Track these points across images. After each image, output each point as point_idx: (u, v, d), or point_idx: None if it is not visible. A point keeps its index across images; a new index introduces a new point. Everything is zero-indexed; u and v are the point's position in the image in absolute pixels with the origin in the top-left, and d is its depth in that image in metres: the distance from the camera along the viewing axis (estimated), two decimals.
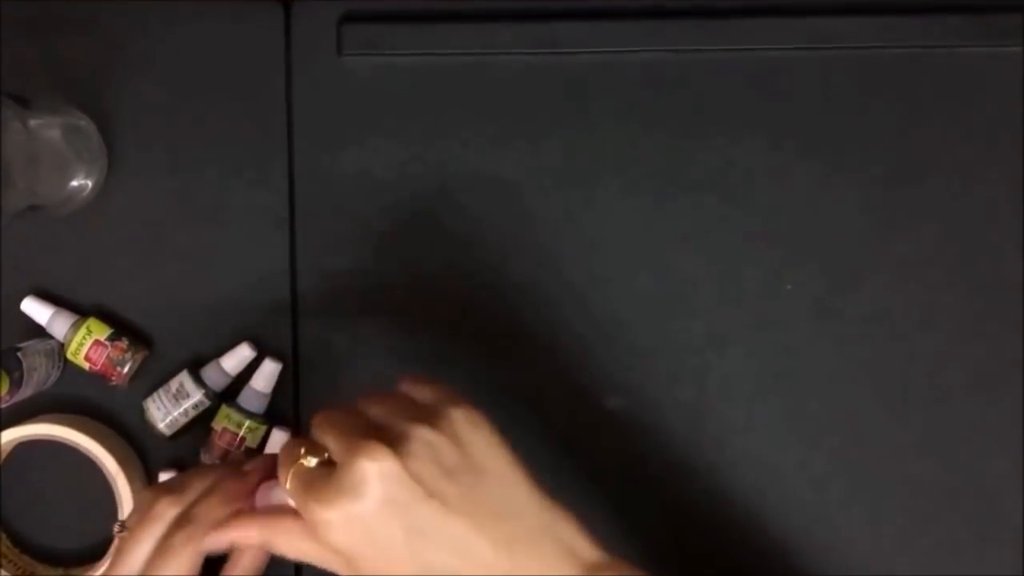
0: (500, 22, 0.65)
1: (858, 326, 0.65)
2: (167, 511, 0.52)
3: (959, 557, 0.65)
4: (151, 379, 0.66)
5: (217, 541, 0.51)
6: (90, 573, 0.64)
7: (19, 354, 0.62)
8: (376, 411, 0.50)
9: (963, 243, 0.65)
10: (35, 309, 0.65)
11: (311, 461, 0.49)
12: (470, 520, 0.47)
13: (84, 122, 0.64)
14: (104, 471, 0.63)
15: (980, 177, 0.65)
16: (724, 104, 0.66)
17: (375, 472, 0.46)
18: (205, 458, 0.65)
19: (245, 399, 0.65)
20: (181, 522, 0.51)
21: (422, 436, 0.48)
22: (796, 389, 0.65)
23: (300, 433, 0.66)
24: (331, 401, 0.65)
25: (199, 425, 0.65)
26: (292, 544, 0.50)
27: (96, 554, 0.65)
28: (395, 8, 0.66)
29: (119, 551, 0.52)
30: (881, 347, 0.65)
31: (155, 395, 0.65)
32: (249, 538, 0.51)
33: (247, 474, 0.53)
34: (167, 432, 0.65)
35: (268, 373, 0.65)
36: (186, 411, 0.64)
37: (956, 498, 0.65)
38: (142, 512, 0.53)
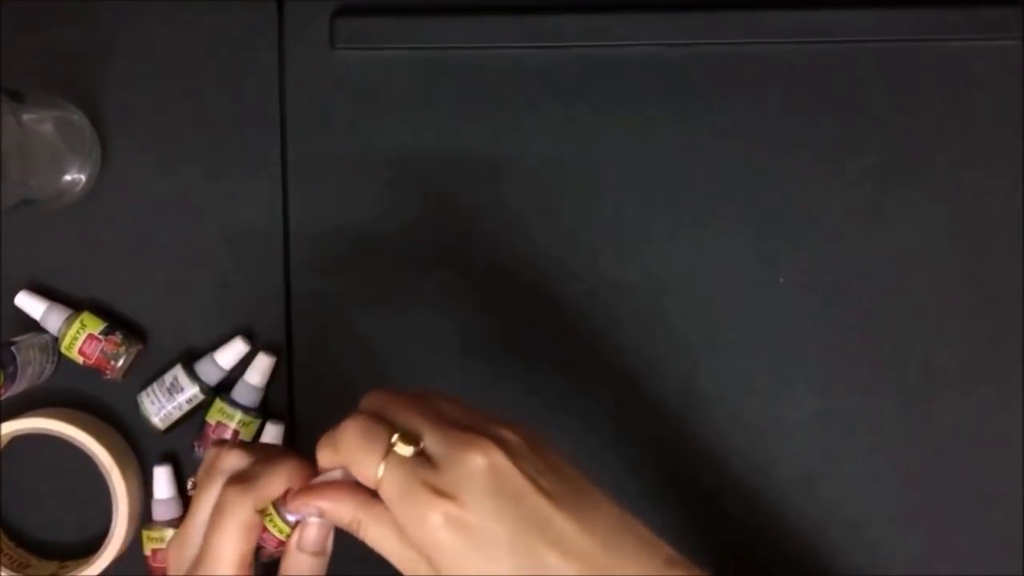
0: (493, 16, 0.65)
1: (851, 319, 0.65)
2: (234, 463, 0.50)
3: (955, 552, 0.65)
4: (145, 373, 0.66)
5: (304, 506, 0.48)
6: (84, 572, 0.64)
7: (13, 348, 0.62)
8: (446, 408, 0.48)
9: (958, 236, 0.65)
10: (29, 303, 0.65)
11: (407, 450, 0.46)
12: (575, 516, 0.46)
13: (77, 116, 0.64)
14: (98, 465, 0.63)
15: (975, 171, 0.65)
16: (718, 97, 0.66)
17: (486, 467, 0.45)
18: (199, 452, 0.65)
19: (239, 393, 0.65)
20: (238, 478, 0.49)
21: (510, 436, 0.46)
22: (788, 383, 0.65)
23: (294, 428, 0.66)
24: (324, 395, 0.66)
25: (193, 419, 0.65)
26: (382, 533, 0.47)
27: (91, 547, 0.65)
28: (388, 2, 0.66)
29: (189, 508, 0.50)
30: (874, 341, 0.65)
31: (149, 389, 0.65)
32: (339, 512, 0.48)
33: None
34: (161, 426, 0.65)
35: (262, 367, 0.65)
36: (180, 405, 0.64)
37: (953, 492, 0.65)
38: (208, 465, 0.51)
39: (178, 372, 0.65)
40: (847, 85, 0.65)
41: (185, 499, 0.65)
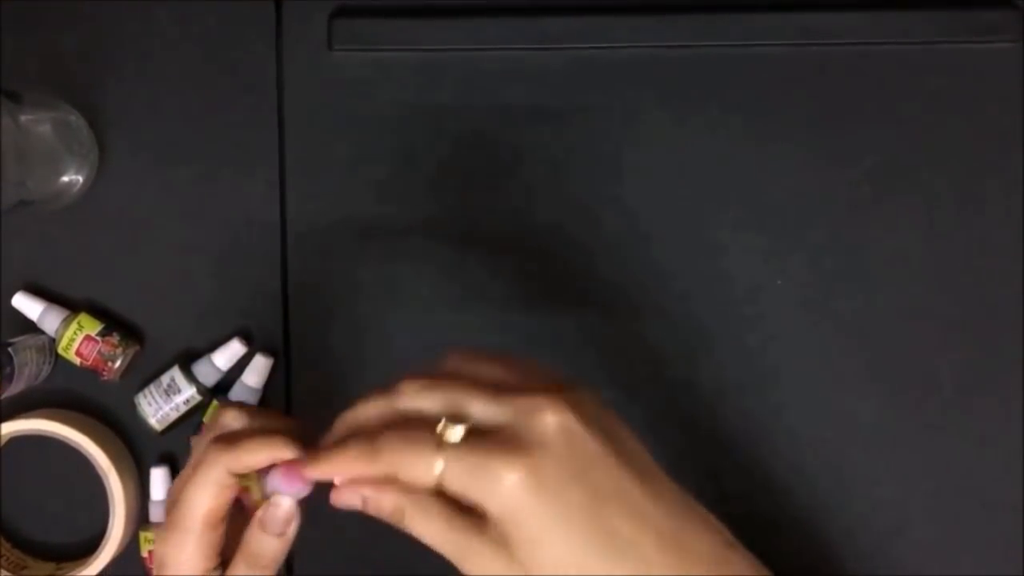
0: (490, 18, 0.65)
1: (848, 321, 0.65)
2: (229, 423, 0.50)
3: (951, 552, 0.65)
4: (142, 374, 0.66)
5: (351, 495, 0.45)
6: (81, 573, 0.64)
7: (10, 349, 0.62)
8: (484, 371, 0.45)
9: (955, 238, 0.65)
10: (26, 304, 0.65)
11: (458, 432, 0.43)
12: (646, 486, 0.44)
13: (75, 117, 0.64)
14: (95, 466, 0.63)
15: (973, 173, 0.65)
16: (714, 99, 0.66)
17: (558, 426, 0.42)
18: None
19: (236, 394, 0.65)
20: (224, 438, 0.48)
21: (577, 396, 0.44)
22: (784, 384, 0.65)
23: None
24: (321, 397, 0.66)
25: (190, 420, 0.65)
26: (429, 522, 0.44)
27: (88, 549, 0.65)
28: (386, 4, 0.66)
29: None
30: (871, 342, 0.65)
31: (146, 390, 0.65)
32: (381, 503, 0.45)
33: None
34: (158, 427, 0.65)
35: (259, 368, 0.65)
36: (177, 406, 0.64)
37: (953, 492, 0.65)
38: (210, 422, 0.51)
39: (175, 373, 0.65)
40: (845, 88, 0.65)
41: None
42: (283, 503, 0.50)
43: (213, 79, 0.66)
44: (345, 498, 0.46)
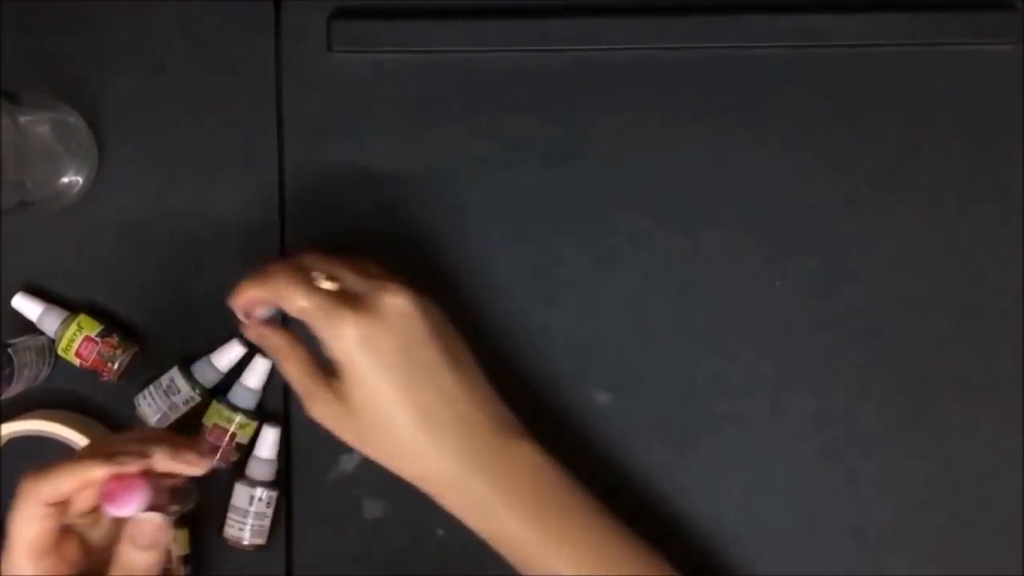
0: (490, 19, 0.65)
1: (847, 322, 0.65)
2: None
3: (951, 554, 0.65)
4: (142, 375, 0.66)
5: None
6: None
7: (10, 350, 0.62)
8: (368, 264, 0.58)
9: (954, 239, 0.65)
10: (25, 305, 0.65)
11: (330, 284, 0.55)
12: (461, 377, 0.56)
13: (74, 118, 0.64)
14: None
15: (973, 174, 0.65)
16: (712, 101, 0.66)
17: (401, 307, 0.55)
18: None
19: (236, 395, 0.65)
20: (38, 468, 0.52)
21: (423, 297, 0.56)
22: (784, 385, 0.66)
23: (290, 430, 0.66)
24: None
25: (190, 421, 0.65)
26: (292, 364, 0.57)
27: None
28: (385, 5, 0.66)
29: None
30: (870, 343, 0.65)
31: (146, 391, 0.65)
32: (269, 341, 0.58)
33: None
34: (158, 428, 0.65)
35: (259, 370, 0.65)
36: (177, 407, 0.64)
37: (952, 493, 0.65)
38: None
39: (175, 374, 0.65)
40: (844, 89, 0.66)
41: None
42: (147, 517, 0.52)
43: (212, 80, 0.66)
44: (249, 332, 0.59)
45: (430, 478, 0.57)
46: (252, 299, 0.58)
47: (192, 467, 0.53)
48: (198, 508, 0.66)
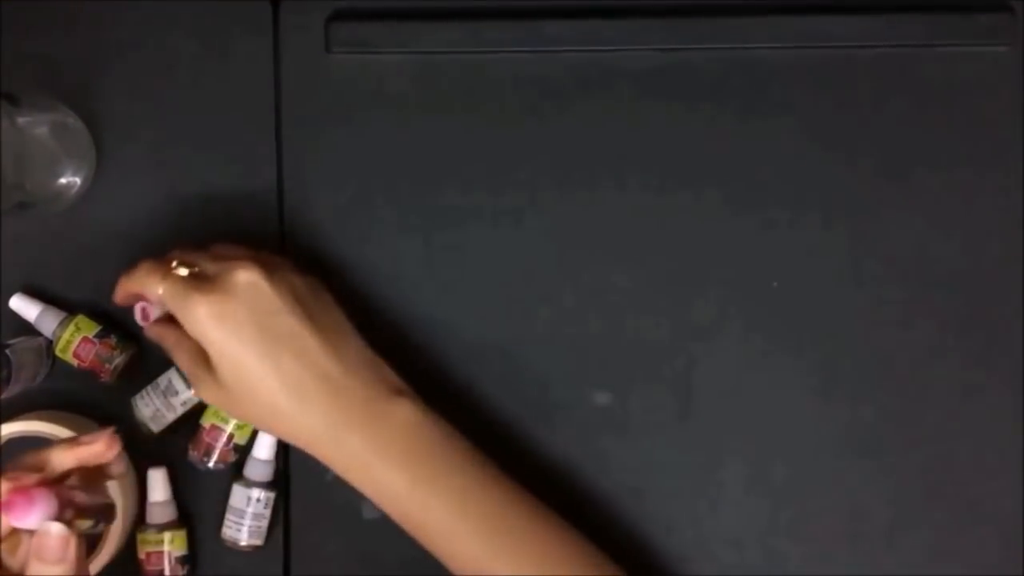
0: (488, 20, 0.66)
1: (844, 324, 0.66)
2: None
3: (946, 552, 0.65)
4: (140, 376, 0.66)
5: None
6: None
7: (7, 351, 0.62)
8: (227, 248, 0.61)
9: (952, 240, 0.65)
10: (23, 306, 0.65)
11: (183, 270, 0.58)
12: (326, 339, 0.58)
13: (72, 119, 0.64)
14: None
15: (968, 175, 0.65)
16: (711, 102, 0.66)
17: (247, 280, 0.57)
18: (193, 454, 0.65)
19: None
20: None
21: (278, 263, 0.60)
22: (782, 385, 0.66)
23: None
24: None
25: (187, 422, 0.65)
26: (181, 355, 0.59)
27: (85, 550, 0.65)
28: (383, 6, 0.66)
29: None
30: (868, 343, 0.65)
31: (144, 392, 0.65)
32: (160, 336, 0.61)
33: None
34: (155, 429, 0.65)
35: None
36: (174, 408, 0.64)
37: (944, 493, 0.65)
38: None
39: (173, 375, 0.65)
40: (842, 91, 0.66)
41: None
42: (51, 529, 0.51)
43: (210, 81, 0.66)
44: (148, 333, 0.62)
45: (301, 437, 0.59)
46: (125, 293, 0.61)
47: (99, 453, 0.54)
48: (196, 509, 0.66)
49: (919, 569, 0.65)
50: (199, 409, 0.65)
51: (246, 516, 0.64)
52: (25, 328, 0.65)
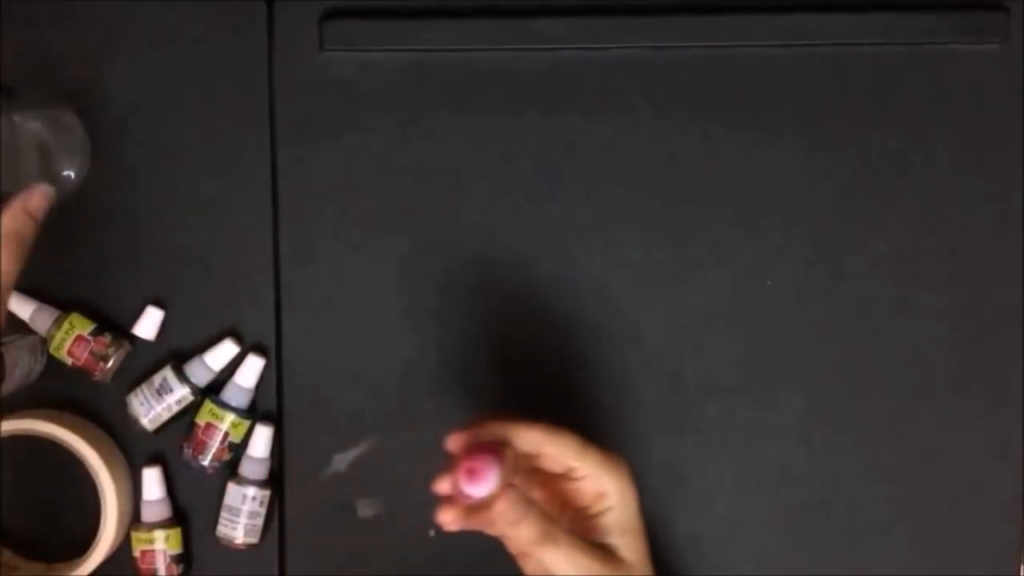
0: (481, 18, 0.66)
1: (837, 322, 0.66)
2: None
3: (939, 551, 0.66)
4: (134, 374, 0.66)
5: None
6: (73, 573, 0.64)
7: (1, 349, 0.62)
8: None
9: (940, 238, 0.66)
10: (17, 304, 0.65)
11: None
12: None
13: (67, 116, 0.64)
14: (87, 466, 0.63)
15: (959, 173, 0.66)
16: (702, 100, 0.66)
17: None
18: (188, 453, 0.65)
19: (229, 394, 0.65)
20: None
21: None
22: (775, 384, 0.66)
23: (283, 429, 0.66)
24: (313, 397, 0.66)
25: (182, 420, 0.65)
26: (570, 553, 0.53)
27: (80, 549, 0.65)
28: (377, 5, 0.66)
29: None
30: (860, 343, 0.66)
31: (138, 390, 0.65)
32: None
33: None
34: (150, 427, 0.65)
35: (252, 368, 0.65)
36: (169, 406, 0.64)
37: (937, 492, 0.66)
38: None
39: (167, 373, 0.65)
40: (832, 89, 0.66)
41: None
42: (42, 191, 0.58)
43: (205, 79, 0.66)
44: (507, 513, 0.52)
45: None
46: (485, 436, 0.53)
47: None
48: (191, 508, 0.66)
49: (916, 568, 0.66)
50: (194, 407, 0.65)
51: (241, 514, 0.64)
52: (19, 326, 0.65)
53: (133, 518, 0.66)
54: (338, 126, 0.66)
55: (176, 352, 0.66)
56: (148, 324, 0.65)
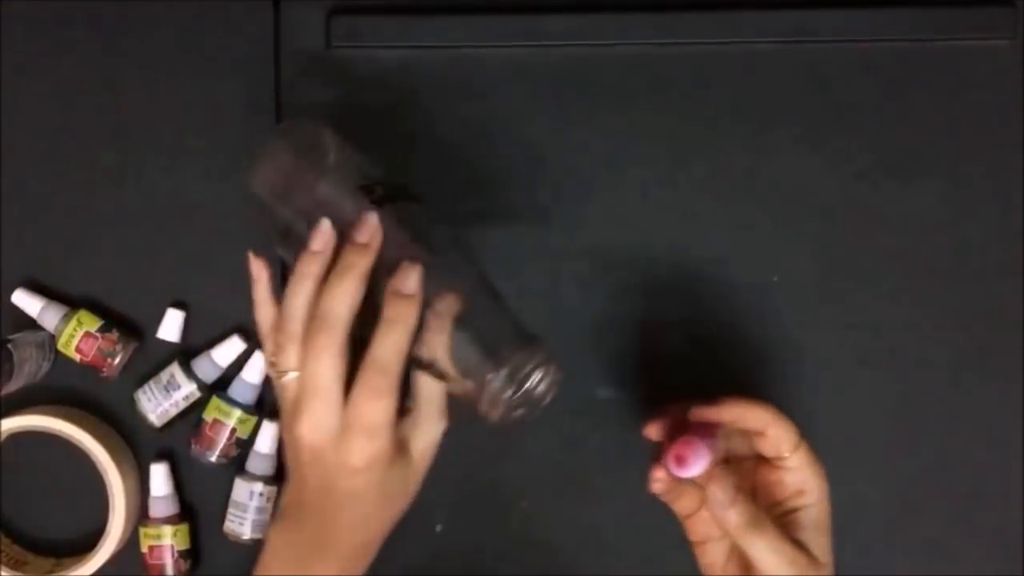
0: (488, 15, 0.66)
1: (845, 318, 0.66)
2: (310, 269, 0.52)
3: (950, 548, 0.66)
4: (142, 370, 0.66)
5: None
6: (81, 569, 0.64)
7: (10, 346, 0.62)
8: None
9: (950, 234, 0.66)
10: (26, 301, 0.65)
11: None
12: None
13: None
14: (95, 462, 0.64)
15: (968, 169, 0.66)
16: (711, 97, 0.66)
17: None
18: (195, 449, 0.65)
19: (236, 390, 0.65)
20: (316, 321, 0.51)
21: None
22: (781, 381, 0.66)
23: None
24: None
25: (190, 416, 0.66)
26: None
27: (88, 545, 0.65)
28: (384, 1, 0.66)
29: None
30: (867, 339, 0.66)
31: (146, 386, 0.65)
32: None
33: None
34: (158, 423, 0.65)
35: (259, 364, 0.65)
36: (177, 402, 0.65)
37: (946, 490, 0.66)
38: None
39: (175, 369, 0.65)
40: (841, 85, 0.66)
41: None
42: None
43: (212, 76, 0.66)
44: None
45: None
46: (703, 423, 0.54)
47: None
48: (199, 503, 0.66)
49: (919, 568, 0.65)
50: (201, 403, 0.65)
51: (248, 510, 0.64)
52: (27, 323, 0.66)
53: (141, 514, 0.66)
54: (345, 122, 0.66)
55: (183, 349, 0.66)
56: (171, 326, 0.65)
